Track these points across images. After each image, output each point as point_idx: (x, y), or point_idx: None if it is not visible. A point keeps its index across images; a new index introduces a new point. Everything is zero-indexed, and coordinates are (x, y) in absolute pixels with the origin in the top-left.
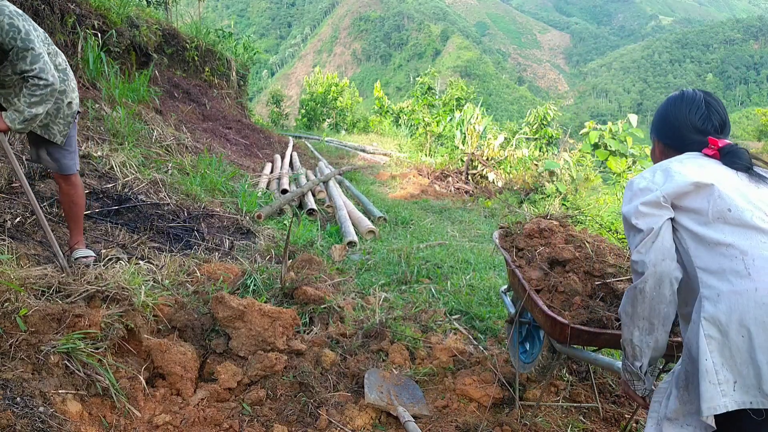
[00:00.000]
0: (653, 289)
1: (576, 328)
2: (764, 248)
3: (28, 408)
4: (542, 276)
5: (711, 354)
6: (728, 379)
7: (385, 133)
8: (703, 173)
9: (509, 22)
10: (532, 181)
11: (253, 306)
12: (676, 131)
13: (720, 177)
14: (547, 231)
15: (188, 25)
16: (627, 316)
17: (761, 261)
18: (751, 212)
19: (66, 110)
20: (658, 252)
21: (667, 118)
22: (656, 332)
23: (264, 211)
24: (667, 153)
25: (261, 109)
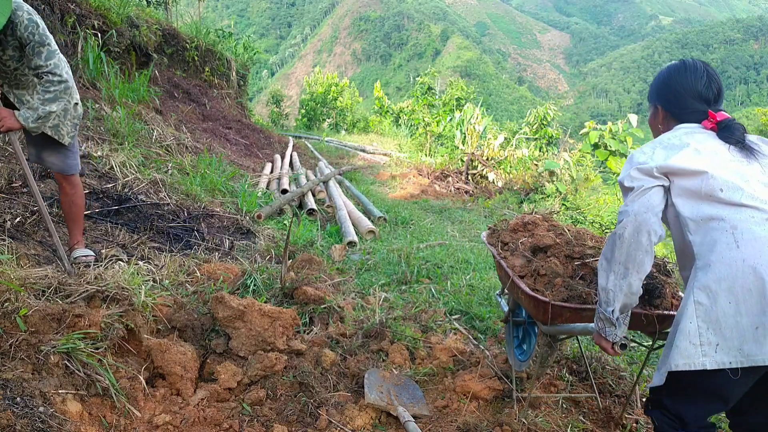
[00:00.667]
0: (632, 235)
1: (557, 305)
2: (752, 222)
3: (28, 408)
4: (525, 263)
5: (696, 318)
6: (711, 342)
7: (385, 133)
8: (698, 160)
9: (509, 22)
10: (532, 181)
11: (253, 306)
12: (680, 98)
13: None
14: (531, 224)
15: (188, 25)
16: (606, 261)
17: (749, 234)
18: (741, 190)
19: (73, 111)
20: (642, 205)
21: (671, 85)
22: (630, 277)
23: (264, 211)
24: (668, 121)
25: (261, 109)
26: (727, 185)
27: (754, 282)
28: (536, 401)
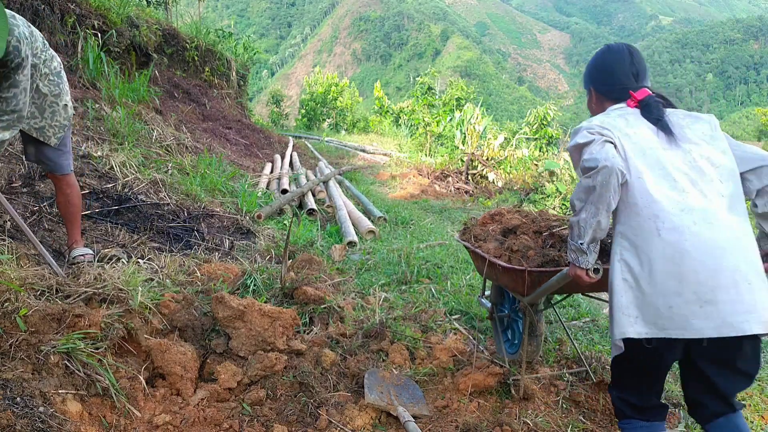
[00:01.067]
0: (605, 179)
1: (533, 271)
2: (672, 213)
3: (28, 408)
4: (498, 245)
5: (625, 293)
6: (633, 314)
7: (385, 133)
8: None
9: (509, 22)
10: (532, 181)
11: (253, 306)
12: (608, 77)
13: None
14: (498, 215)
15: (188, 25)
16: (580, 202)
17: (669, 224)
18: (662, 179)
19: (62, 113)
20: (608, 152)
21: (599, 67)
22: (600, 215)
23: (264, 211)
24: (601, 101)
25: (261, 109)
26: (648, 174)
27: (672, 268)
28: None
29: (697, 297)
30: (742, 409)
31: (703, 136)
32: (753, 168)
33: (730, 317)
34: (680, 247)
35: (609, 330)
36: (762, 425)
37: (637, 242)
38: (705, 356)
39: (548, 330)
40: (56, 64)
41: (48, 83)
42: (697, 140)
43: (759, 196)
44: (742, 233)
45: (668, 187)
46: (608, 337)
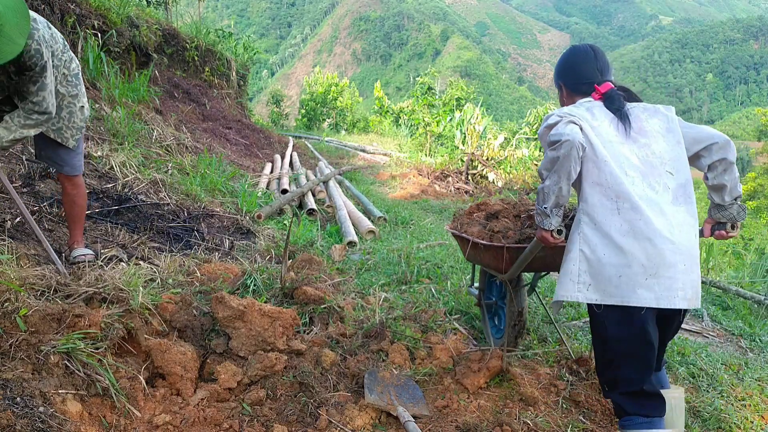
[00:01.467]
0: (567, 151)
1: (512, 247)
2: (630, 196)
3: (28, 408)
4: (481, 229)
5: (580, 263)
6: (586, 282)
7: (385, 133)
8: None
9: (509, 22)
10: (532, 181)
11: (253, 306)
12: (575, 73)
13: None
14: (483, 205)
15: (188, 25)
16: (546, 171)
17: (628, 204)
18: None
19: (79, 114)
20: (572, 129)
21: (567, 65)
22: (561, 182)
23: (264, 211)
24: (571, 95)
25: (261, 109)
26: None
27: (625, 243)
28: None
29: (644, 270)
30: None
31: (659, 129)
32: (705, 146)
33: (666, 292)
34: (635, 226)
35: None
36: (762, 425)
37: (598, 219)
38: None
39: (548, 330)
40: (75, 65)
41: (66, 84)
42: (654, 134)
43: (710, 170)
44: (684, 222)
45: (623, 175)
46: None
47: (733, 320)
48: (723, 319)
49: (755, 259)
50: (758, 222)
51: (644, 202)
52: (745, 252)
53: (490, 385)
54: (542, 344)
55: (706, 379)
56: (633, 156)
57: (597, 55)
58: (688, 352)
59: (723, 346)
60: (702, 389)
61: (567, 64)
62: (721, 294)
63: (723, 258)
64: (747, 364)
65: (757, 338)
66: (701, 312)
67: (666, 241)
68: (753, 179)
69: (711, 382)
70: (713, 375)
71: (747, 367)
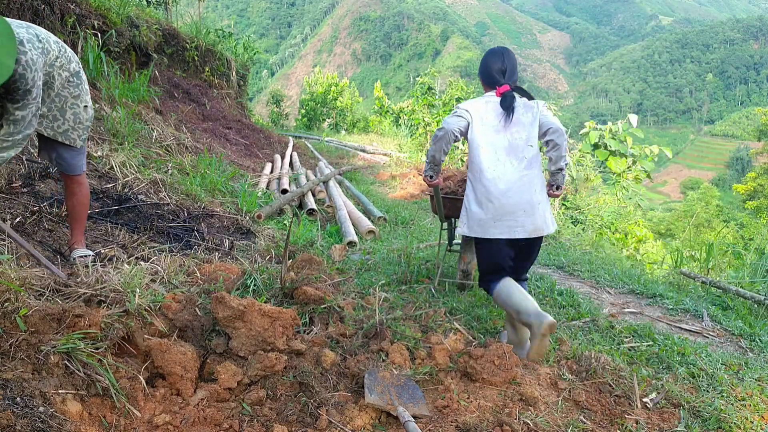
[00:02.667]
0: (442, 135)
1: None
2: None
3: (28, 408)
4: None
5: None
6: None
7: (385, 133)
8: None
9: (509, 22)
10: None
11: (253, 306)
12: (486, 73)
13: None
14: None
15: (188, 25)
16: (432, 143)
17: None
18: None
19: (84, 114)
20: (451, 122)
21: (483, 64)
22: (436, 153)
23: (264, 211)
24: (484, 87)
25: (261, 109)
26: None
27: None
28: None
29: (492, 218)
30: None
31: (529, 120)
32: (545, 131)
33: (508, 230)
34: (488, 190)
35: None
36: (762, 425)
37: (474, 184)
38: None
39: None
40: (74, 64)
41: (68, 85)
42: (524, 123)
43: (545, 145)
44: (530, 183)
45: (492, 155)
46: (608, 336)
47: (733, 320)
48: (723, 319)
49: (755, 259)
50: (758, 222)
51: (496, 174)
52: (745, 252)
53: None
54: None
55: (706, 379)
56: (505, 141)
57: (505, 60)
58: (688, 352)
59: (723, 346)
60: (702, 389)
61: (482, 64)
62: (721, 294)
63: (723, 258)
64: (747, 364)
65: (757, 338)
66: (701, 312)
67: (508, 199)
68: (753, 179)
69: (711, 382)
70: (713, 375)
71: (747, 367)
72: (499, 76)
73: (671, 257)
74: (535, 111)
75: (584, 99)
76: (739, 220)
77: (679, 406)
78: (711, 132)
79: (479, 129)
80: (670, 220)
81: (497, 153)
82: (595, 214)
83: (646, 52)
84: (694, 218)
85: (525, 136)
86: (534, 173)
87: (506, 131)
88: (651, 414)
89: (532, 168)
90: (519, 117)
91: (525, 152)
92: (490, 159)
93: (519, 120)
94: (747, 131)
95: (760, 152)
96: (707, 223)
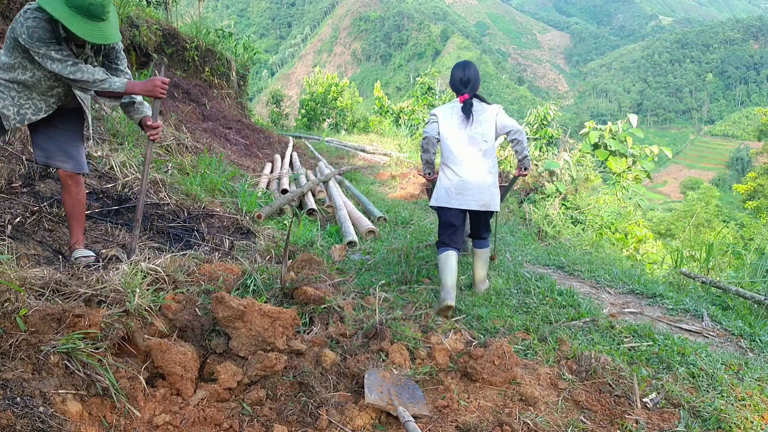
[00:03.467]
0: (426, 142)
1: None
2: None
3: (28, 408)
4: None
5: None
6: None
7: (385, 133)
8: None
9: (509, 22)
10: (532, 181)
11: (253, 306)
12: (452, 83)
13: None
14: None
15: (188, 25)
16: (421, 151)
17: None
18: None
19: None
20: (430, 129)
21: (451, 74)
22: (426, 156)
23: (264, 211)
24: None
25: (261, 109)
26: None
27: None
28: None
29: (455, 191)
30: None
31: (486, 119)
32: (508, 131)
33: (465, 203)
34: (454, 171)
35: None
36: (762, 425)
37: (444, 168)
38: (472, 218)
39: (548, 330)
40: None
41: None
42: (482, 122)
43: (511, 142)
44: (483, 168)
45: (456, 146)
46: (608, 336)
47: (733, 320)
48: (723, 319)
49: (755, 259)
50: (758, 222)
51: (460, 159)
52: (745, 252)
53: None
54: (542, 344)
55: (706, 379)
56: (465, 135)
57: (465, 72)
58: (688, 352)
59: (723, 346)
60: (702, 389)
61: (451, 73)
62: (721, 294)
63: (723, 258)
64: (747, 364)
65: (757, 338)
66: (701, 312)
67: (467, 178)
68: (753, 179)
69: (711, 382)
70: (713, 375)
71: (747, 367)
72: (461, 86)
73: (671, 257)
74: (491, 114)
75: (584, 99)
76: (739, 220)
77: (679, 406)
78: (711, 132)
79: (445, 127)
80: (670, 220)
81: (460, 144)
82: (595, 214)
83: (646, 52)
84: (694, 218)
85: (481, 132)
86: (488, 161)
87: (467, 129)
88: (651, 414)
89: (487, 158)
90: (477, 117)
91: (481, 145)
92: (455, 149)
93: (477, 120)
94: (747, 131)
95: (760, 152)
96: (707, 223)
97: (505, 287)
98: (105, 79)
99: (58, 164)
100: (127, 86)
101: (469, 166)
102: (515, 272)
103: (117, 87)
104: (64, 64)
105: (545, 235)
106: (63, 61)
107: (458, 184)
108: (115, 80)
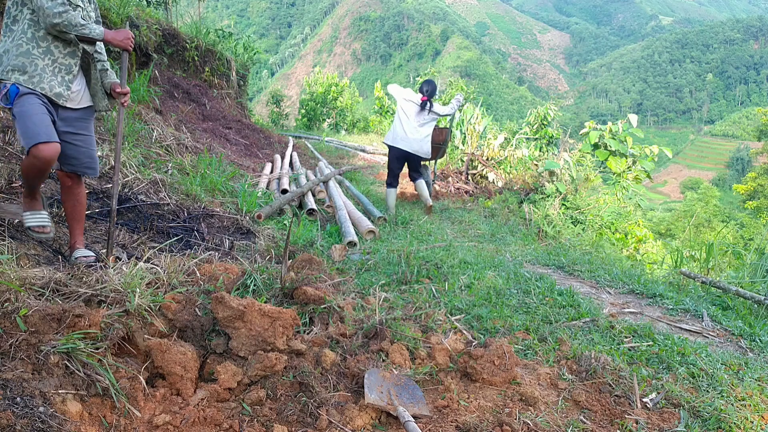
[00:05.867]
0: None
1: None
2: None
3: (28, 408)
4: None
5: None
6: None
7: (385, 133)
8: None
9: (509, 22)
10: (532, 181)
11: (253, 306)
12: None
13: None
14: None
15: (188, 25)
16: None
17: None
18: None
19: None
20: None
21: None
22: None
23: (264, 211)
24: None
25: (261, 109)
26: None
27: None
28: None
29: (400, 138)
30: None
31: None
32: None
33: (404, 148)
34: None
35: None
36: (762, 425)
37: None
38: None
39: (548, 330)
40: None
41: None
42: (427, 111)
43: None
44: (421, 131)
45: (406, 124)
46: (608, 336)
47: (733, 320)
48: (723, 319)
49: (755, 259)
50: (758, 222)
51: (406, 131)
52: (745, 252)
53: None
54: (542, 344)
55: (706, 379)
56: (417, 120)
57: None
58: (688, 352)
59: (723, 346)
60: (702, 389)
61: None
62: (721, 294)
63: (723, 258)
64: (747, 364)
65: (757, 338)
66: (701, 312)
67: (408, 133)
68: (753, 179)
69: (711, 382)
70: (713, 375)
71: (747, 367)
72: (423, 92)
73: (671, 257)
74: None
75: (584, 99)
76: (739, 220)
77: (679, 406)
78: (711, 132)
79: (406, 105)
80: (670, 220)
81: (411, 123)
82: (595, 214)
83: (646, 52)
84: (694, 218)
85: (426, 118)
86: (424, 130)
87: (417, 117)
88: (651, 414)
89: (424, 127)
90: (428, 109)
91: (423, 121)
92: (404, 125)
93: (426, 110)
94: (747, 131)
95: (760, 152)
96: (707, 223)
97: (505, 287)
98: (85, 25)
99: (84, 170)
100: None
101: (411, 126)
102: (515, 272)
103: (96, 33)
104: (54, 2)
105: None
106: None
107: (401, 134)
108: (94, 26)
